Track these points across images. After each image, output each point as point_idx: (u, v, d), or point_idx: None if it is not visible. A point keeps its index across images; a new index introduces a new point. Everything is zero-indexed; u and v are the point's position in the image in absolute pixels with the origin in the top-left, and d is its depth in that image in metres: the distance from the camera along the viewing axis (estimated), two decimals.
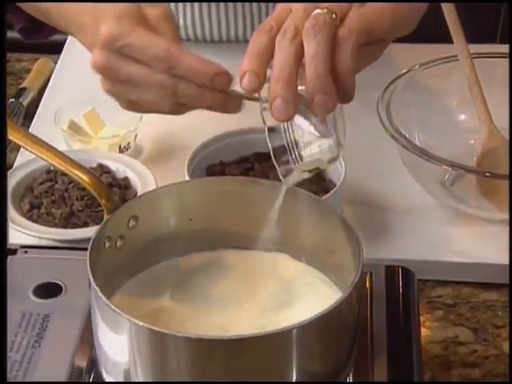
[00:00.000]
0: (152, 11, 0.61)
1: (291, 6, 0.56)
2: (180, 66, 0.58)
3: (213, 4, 0.88)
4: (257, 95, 0.55)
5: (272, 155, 0.55)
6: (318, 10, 0.54)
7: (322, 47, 0.52)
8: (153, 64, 0.58)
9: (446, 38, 0.76)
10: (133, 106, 0.63)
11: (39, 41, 0.95)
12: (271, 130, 0.54)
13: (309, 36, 0.53)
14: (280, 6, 0.56)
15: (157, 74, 0.59)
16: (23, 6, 0.74)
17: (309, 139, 0.54)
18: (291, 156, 0.54)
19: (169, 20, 0.61)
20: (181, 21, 0.90)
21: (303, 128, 0.54)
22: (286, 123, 0.54)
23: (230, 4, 0.88)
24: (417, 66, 0.78)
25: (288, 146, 0.54)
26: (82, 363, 0.56)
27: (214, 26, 0.90)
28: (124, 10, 0.60)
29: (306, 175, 0.57)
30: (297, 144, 0.54)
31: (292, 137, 0.54)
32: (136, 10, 0.60)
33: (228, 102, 0.59)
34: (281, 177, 0.56)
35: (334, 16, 0.54)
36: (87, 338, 0.57)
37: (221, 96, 0.59)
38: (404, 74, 0.77)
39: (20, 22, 0.95)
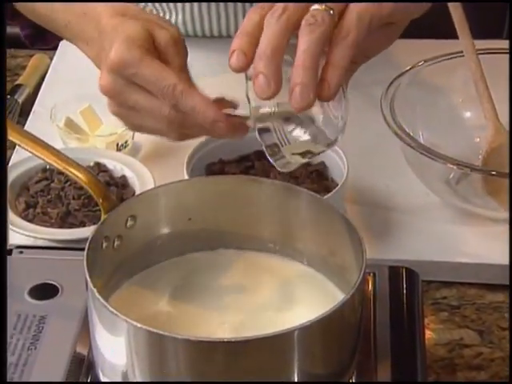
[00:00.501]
0: (162, 34, 0.61)
1: None
2: (184, 104, 0.59)
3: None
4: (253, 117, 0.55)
5: (257, 135, 0.55)
6: (316, 6, 0.55)
7: (313, 44, 0.53)
8: (160, 97, 0.59)
9: (451, 34, 0.76)
10: (139, 129, 0.64)
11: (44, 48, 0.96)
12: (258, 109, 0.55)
13: (303, 32, 0.54)
14: None
15: (164, 106, 0.59)
16: (28, 14, 0.75)
17: (299, 121, 0.54)
18: (277, 136, 0.54)
19: (178, 45, 0.61)
20: (180, 17, 0.91)
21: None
22: (271, 102, 0.54)
23: None
24: (421, 62, 0.78)
25: (274, 126, 0.54)
26: (79, 366, 0.56)
27: (214, 21, 0.90)
28: (134, 34, 0.60)
29: (300, 159, 0.57)
30: (282, 125, 0.54)
31: (277, 117, 0.54)
32: (146, 34, 0.61)
33: (235, 130, 0.59)
34: (270, 158, 0.56)
35: (331, 12, 0.54)
36: (84, 340, 0.57)
37: (228, 126, 0.59)
38: (408, 70, 0.77)
39: (25, 29, 0.96)
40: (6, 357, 0.56)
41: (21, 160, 0.76)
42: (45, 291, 0.60)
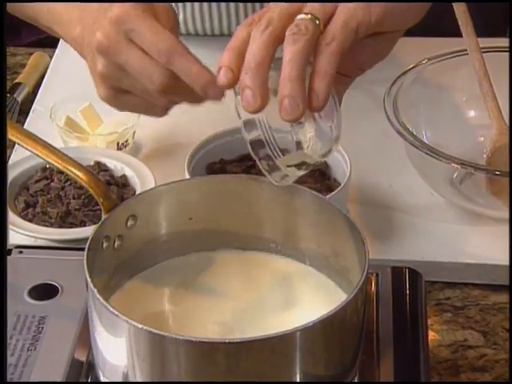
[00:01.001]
0: (159, 6, 0.62)
1: (281, 3, 0.57)
2: (180, 65, 0.58)
3: None
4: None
5: (250, 149, 0.55)
6: (301, 15, 0.55)
7: (298, 54, 0.54)
8: (154, 54, 0.59)
9: (455, 32, 0.76)
10: (125, 101, 0.63)
11: (16, 45, 0.96)
12: (249, 123, 0.55)
13: (288, 42, 0.54)
14: (268, 6, 0.57)
15: (157, 68, 0.59)
16: (8, 7, 0.75)
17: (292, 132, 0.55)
18: (269, 148, 0.54)
19: (174, 17, 0.62)
20: (181, 16, 0.91)
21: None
22: (260, 116, 0.54)
23: None
24: (425, 61, 0.78)
25: (265, 139, 0.54)
26: (79, 366, 0.56)
27: (215, 20, 0.90)
28: (134, 2, 0.61)
29: (296, 171, 0.57)
30: (274, 137, 0.54)
31: (268, 130, 0.54)
32: (145, 4, 0.61)
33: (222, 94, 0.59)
34: (265, 172, 0.56)
35: (317, 22, 0.55)
36: (84, 340, 0.57)
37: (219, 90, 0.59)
38: (411, 68, 0.77)
39: None
40: (6, 357, 0.56)
41: (20, 159, 0.76)
42: (44, 291, 0.61)
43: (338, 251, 0.59)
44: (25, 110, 0.86)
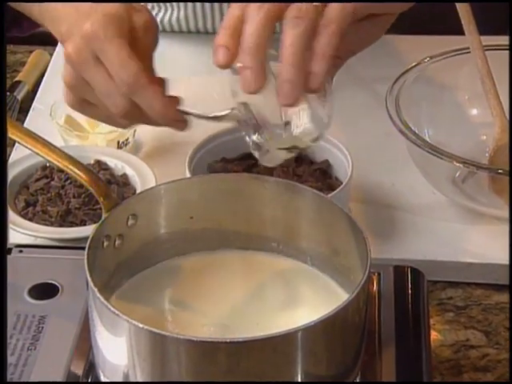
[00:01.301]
0: (137, 17, 0.61)
1: None
2: (140, 99, 0.59)
3: None
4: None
5: (241, 129, 0.56)
6: None
7: (299, 38, 0.53)
8: (117, 83, 0.59)
9: (457, 30, 0.76)
10: (88, 112, 0.64)
11: (17, 35, 0.96)
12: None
13: (288, 25, 0.54)
14: None
15: (116, 92, 0.59)
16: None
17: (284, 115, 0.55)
18: (258, 131, 0.55)
19: (151, 30, 0.62)
20: (182, 13, 0.91)
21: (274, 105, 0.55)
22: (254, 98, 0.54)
23: None
24: (427, 59, 0.78)
25: (256, 121, 0.55)
26: (80, 366, 0.56)
27: (217, 18, 0.90)
28: (113, 12, 0.60)
29: (285, 154, 0.57)
30: (264, 119, 0.54)
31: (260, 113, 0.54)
32: (124, 15, 0.61)
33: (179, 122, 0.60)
34: (253, 152, 0.56)
35: (314, 4, 0.54)
36: (85, 340, 0.57)
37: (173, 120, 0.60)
38: (413, 66, 0.77)
39: None
40: (6, 357, 0.56)
41: (20, 158, 0.76)
42: (45, 291, 0.61)
43: (340, 250, 0.59)
44: (25, 109, 0.86)
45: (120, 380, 0.54)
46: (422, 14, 0.68)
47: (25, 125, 0.82)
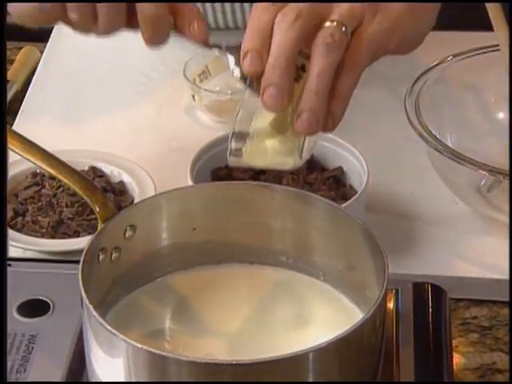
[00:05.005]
0: None
1: None
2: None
3: None
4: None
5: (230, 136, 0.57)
6: (329, 23, 0.56)
7: (329, 68, 0.56)
8: None
9: (484, 25, 0.76)
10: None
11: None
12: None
13: (319, 52, 0.56)
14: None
15: None
16: None
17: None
18: (230, 145, 0.57)
19: None
20: None
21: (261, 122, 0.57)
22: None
23: None
24: (449, 58, 0.78)
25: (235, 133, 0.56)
26: None
27: (219, 14, 0.91)
28: None
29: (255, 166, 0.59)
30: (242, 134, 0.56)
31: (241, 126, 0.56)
32: None
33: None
34: (228, 155, 0.58)
35: (343, 29, 0.57)
36: (78, 361, 0.58)
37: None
38: (435, 66, 0.78)
39: None
40: (6, 357, 0.56)
41: (8, 163, 0.76)
42: (35, 308, 0.61)
43: (355, 265, 0.60)
44: (13, 110, 0.87)
45: None
46: (446, 5, 0.69)
47: (13, 128, 0.82)
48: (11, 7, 0.63)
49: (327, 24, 0.57)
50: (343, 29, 0.57)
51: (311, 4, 0.57)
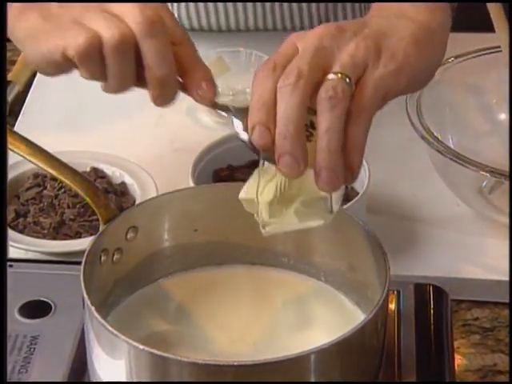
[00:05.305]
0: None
1: (299, 44, 0.57)
2: (150, 44, 0.57)
3: None
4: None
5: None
6: (333, 75, 0.56)
7: (336, 123, 0.55)
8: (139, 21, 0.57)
9: (485, 26, 0.76)
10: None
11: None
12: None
13: (324, 108, 0.55)
14: (286, 42, 0.58)
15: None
16: None
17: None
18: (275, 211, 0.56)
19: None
20: (183, 11, 0.92)
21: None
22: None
23: None
24: (452, 59, 0.79)
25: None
26: None
27: (221, 16, 0.91)
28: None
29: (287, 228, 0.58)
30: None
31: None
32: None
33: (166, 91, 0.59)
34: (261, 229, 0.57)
35: (348, 81, 0.56)
36: (80, 362, 0.58)
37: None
38: None
39: None
40: (6, 357, 0.56)
41: (10, 164, 0.77)
42: (37, 309, 0.61)
43: (356, 266, 0.60)
44: (15, 112, 0.87)
45: None
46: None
47: (15, 129, 0.83)
48: (28, 57, 0.63)
49: (330, 76, 0.55)
50: (347, 80, 0.55)
51: (310, 59, 0.56)
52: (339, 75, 0.55)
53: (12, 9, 0.63)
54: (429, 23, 0.61)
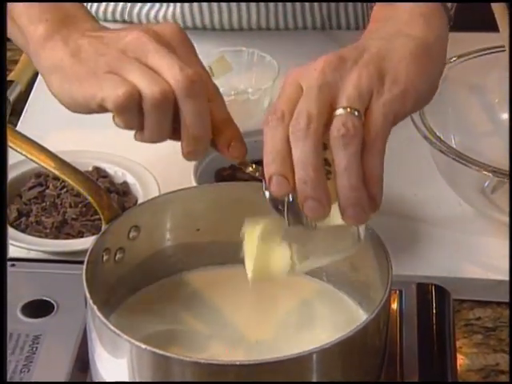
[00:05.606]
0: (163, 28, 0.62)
1: (302, 83, 0.57)
2: (193, 103, 0.57)
3: None
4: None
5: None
6: (341, 110, 0.56)
7: (353, 158, 0.55)
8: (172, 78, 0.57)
9: (489, 26, 0.76)
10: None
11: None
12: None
13: (338, 146, 0.55)
14: (288, 82, 0.58)
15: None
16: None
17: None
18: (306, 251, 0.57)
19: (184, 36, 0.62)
20: (178, 9, 0.92)
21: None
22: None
23: None
24: (454, 58, 0.79)
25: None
26: None
27: (225, 14, 0.92)
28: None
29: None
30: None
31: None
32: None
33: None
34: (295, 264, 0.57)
35: (356, 114, 0.56)
36: (82, 361, 0.58)
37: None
38: None
39: None
40: (6, 357, 0.57)
41: (12, 164, 0.77)
42: (39, 308, 0.62)
43: (358, 266, 0.60)
44: (17, 111, 0.87)
45: None
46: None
47: (17, 128, 0.83)
48: (53, 90, 0.63)
49: (338, 112, 0.55)
50: (356, 113, 0.55)
51: (317, 98, 0.56)
52: (348, 109, 0.55)
53: (38, 28, 0.62)
54: (426, 38, 0.61)
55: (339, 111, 0.55)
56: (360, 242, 0.57)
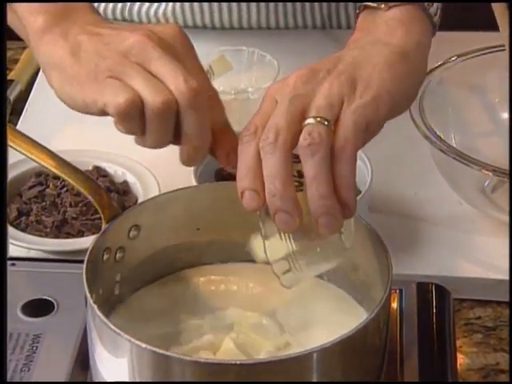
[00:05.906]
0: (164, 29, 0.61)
1: (277, 97, 0.57)
2: (193, 112, 0.57)
3: None
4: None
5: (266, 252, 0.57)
6: (310, 120, 0.55)
7: (321, 167, 0.55)
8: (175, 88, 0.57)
9: (488, 25, 0.76)
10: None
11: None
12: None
13: (306, 156, 0.55)
14: (265, 97, 0.58)
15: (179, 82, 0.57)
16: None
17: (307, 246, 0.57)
18: (292, 264, 0.56)
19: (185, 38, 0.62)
20: (187, 8, 0.92)
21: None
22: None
23: None
24: (454, 58, 0.79)
25: (292, 262, 0.56)
26: None
27: (225, 13, 0.92)
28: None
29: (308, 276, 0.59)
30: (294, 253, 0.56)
31: (291, 246, 0.56)
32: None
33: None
34: (276, 272, 0.57)
35: (326, 123, 0.55)
36: (83, 361, 0.58)
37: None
38: (439, 66, 0.78)
39: None
40: (6, 357, 0.57)
41: (12, 163, 0.77)
42: (39, 307, 0.62)
43: (359, 265, 0.60)
44: (17, 110, 0.87)
45: None
46: (449, 7, 0.69)
47: (17, 127, 0.83)
48: (52, 85, 0.62)
49: (307, 121, 0.55)
50: (325, 122, 0.55)
51: (286, 111, 0.56)
52: (318, 119, 0.55)
53: (37, 20, 0.61)
54: (405, 45, 0.61)
55: (308, 121, 0.56)
56: (347, 250, 0.57)
